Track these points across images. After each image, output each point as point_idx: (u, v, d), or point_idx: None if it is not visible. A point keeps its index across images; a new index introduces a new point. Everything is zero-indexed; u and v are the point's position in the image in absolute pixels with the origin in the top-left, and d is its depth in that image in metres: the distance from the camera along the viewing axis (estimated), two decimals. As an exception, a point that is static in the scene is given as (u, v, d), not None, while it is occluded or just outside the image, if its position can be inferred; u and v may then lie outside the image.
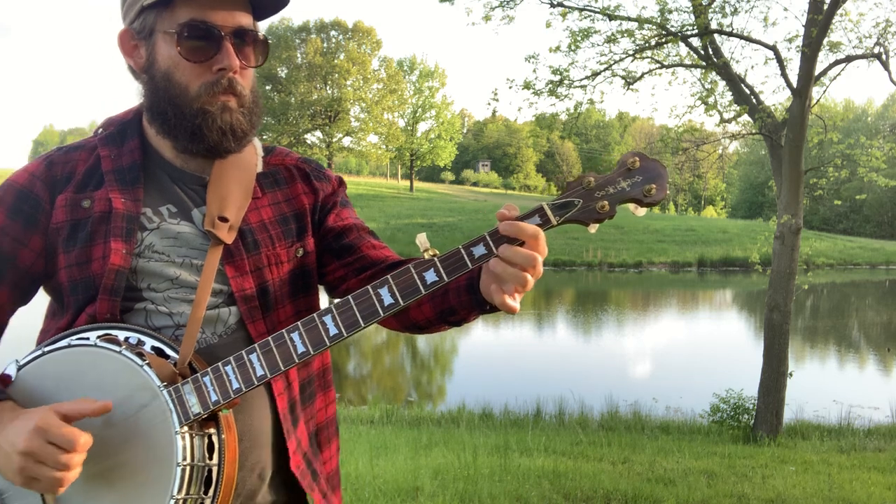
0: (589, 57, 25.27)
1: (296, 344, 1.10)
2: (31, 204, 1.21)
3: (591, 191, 1.08)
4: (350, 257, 1.32)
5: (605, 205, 1.07)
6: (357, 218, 1.39)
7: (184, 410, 1.10)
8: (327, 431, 1.38)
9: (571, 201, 1.08)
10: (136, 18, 1.20)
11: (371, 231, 1.38)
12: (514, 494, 4.63)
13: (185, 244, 1.22)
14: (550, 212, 1.07)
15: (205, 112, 1.18)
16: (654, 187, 1.07)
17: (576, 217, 1.08)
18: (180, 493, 1.07)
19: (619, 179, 1.08)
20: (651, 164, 1.08)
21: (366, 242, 1.33)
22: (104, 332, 1.15)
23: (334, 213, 1.36)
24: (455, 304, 1.18)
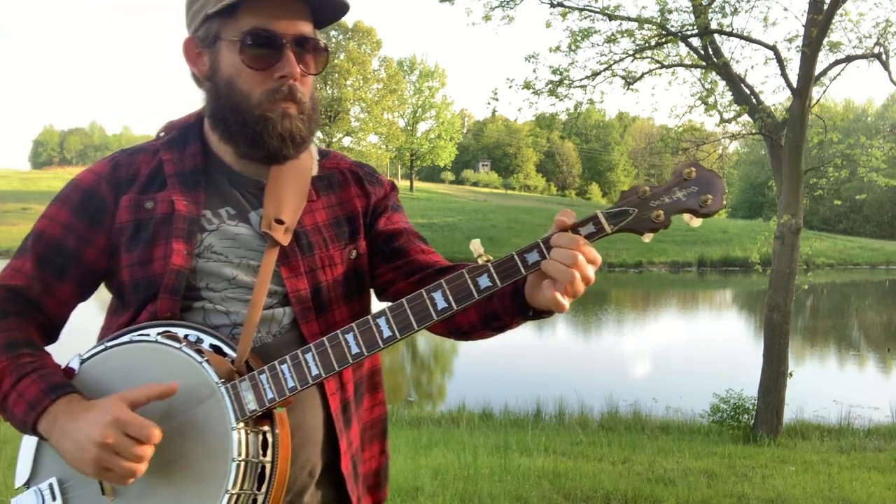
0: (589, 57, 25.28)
1: (350, 345, 1.13)
2: (97, 203, 1.25)
3: (647, 200, 1.09)
4: (399, 261, 1.34)
5: (660, 214, 1.09)
6: (407, 222, 1.42)
7: (240, 407, 1.12)
8: (370, 432, 1.41)
9: (626, 210, 1.09)
10: (200, 26, 1.24)
11: (420, 235, 1.40)
12: (514, 494, 4.63)
13: (243, 245, 1.25)
14: (605, 220, 1.09)
15: (265, 119, 1.22)
16: (711, 198, 1.08)
17: (630, 226, 1.09)
18: (234, 487, 1.09)
19: (674, 189, 1.10)
20: (707, 175, 1.10)
21: (415, 247, 1.36)
22: (164, 329, 1.19)
23: (385, 217, 1.39)
24: (499, 308, 1.20)
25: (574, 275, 1.06)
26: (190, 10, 1.26)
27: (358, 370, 1.36)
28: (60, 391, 1.14)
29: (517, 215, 43.88)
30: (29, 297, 1.24)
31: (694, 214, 1.10)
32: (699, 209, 1.08)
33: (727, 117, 8.95)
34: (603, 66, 8.98)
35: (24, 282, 1.24)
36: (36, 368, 1.17)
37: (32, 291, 1.24)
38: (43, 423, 1.13)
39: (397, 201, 1.44)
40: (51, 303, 1.26)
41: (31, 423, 1.14)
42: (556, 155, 78.34)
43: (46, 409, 1.13)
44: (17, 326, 1.22)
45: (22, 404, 1.14)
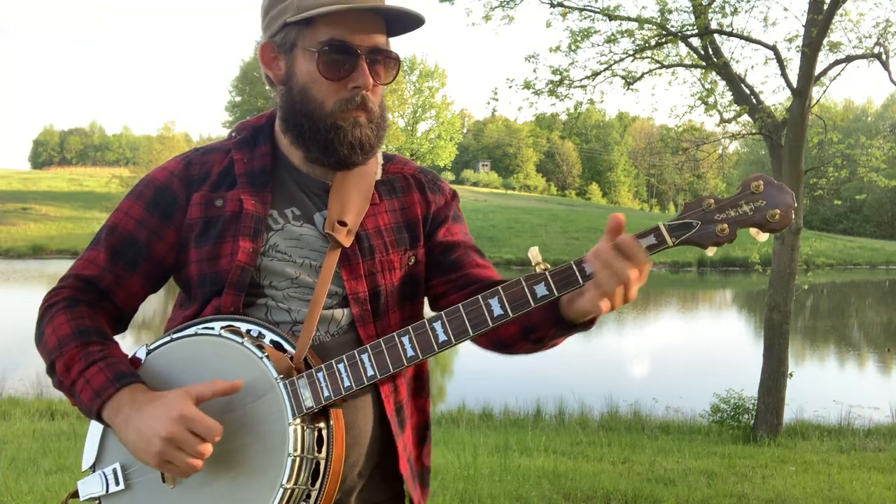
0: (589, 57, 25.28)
1: (405, 348, 1.15)
2: (169, 199, 1.30)
3: (711, 213, 1.07)
4: (454, 273, 1.36)
5: (724, 228, 1.07)
6: (466, 234, 1.44)
7: (297, 403, 1.15)
8: (419, 434, 1.43)
9: (689, 223, 1.08)
10: (277, 32, 1.27)
11: (478, 249, 1.42)
12: (514, 494, 4.63)
13: (307, 246, 1.29)
14: (666, 232, 1.08)
15: (337, 127, 1.25)
16: (779, 213, 1.05)
17: (693, 239, 1.08)
18: (289, 482, 1.11)
19: (741, 202, 1.07)
20: (776, 189, 1.07)
21: (471, 261, 1.37)
22: (227, 323, 1.22)
23: (445, 228, 1.41)
24: (536, 319, 1.20)
25: (619, 288, 1.06)
26: (267, 15, 1.29)
27: (409, 372, 1.38)
28: (126, 380, 1.18)
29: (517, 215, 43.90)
30: (100, 287, 1.29)
31: (760, 229, 1.07)
32: (766, 224, 1.06)
33: (727, 117, 8.94)
34: (603, 66, 8.97)
35: (97, 272, 1.29)
36: (104, 357, 1.21)
37: (104, 282, 1.29)
38: (107, 411, 1.17)
39: (458, 211, 1.46)
40: (121, 294, 1.31)
41: (96, 409, 1.18)
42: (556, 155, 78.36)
43: (111, 397, 1.16)
44: (88, 315, 1.26)
45: (88, 391, 1.18)
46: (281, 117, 1.33)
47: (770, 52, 8.25)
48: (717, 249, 1.09)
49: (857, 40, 8.23)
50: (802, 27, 7.80)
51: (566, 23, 8.75)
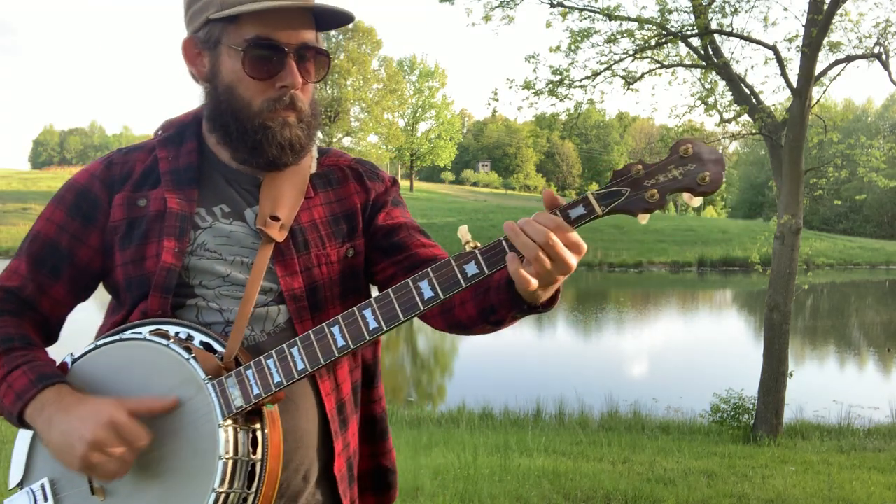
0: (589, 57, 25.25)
1: (336, 338, 1.10)
2: (90, 203, 1.25)
3: (640, 179, 1.04)
4: (399, 255, 1.31)
5: (654, 193, 1.03)
6: (408, 217, 1.39)
7: (227, 403, 1.11)
8: (368, 430, 1.39)
9: (618, 190, 1.04)
10: (200, 28, 1.22)
11: (421, 230, 1.37)
12: (514, 494, 4.63)
13: (237, 243, 1.24)
14: (595, 201, 1.04)
15: (266, 128, 1.21)
16: (709, 175, 1.03)
17: (623, 207, 1.04)
18: (222, 486, 1.08)
19: (670, 167, 1.04)
20: (705, 151, 1.04)
21: (415, 241, 1.33)
22: (155, 327, 1.18)
23: (385, 212, 1.36)
24: (495, 301, 1.16)
25: (537, 252, 1.00)
26: (190, 9, 1.24)
27: (355, 368, 1.34)
28: (49, 380, 1.15)
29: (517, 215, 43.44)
30: (23, 296, 1.25)
31: (692, 193, 1.04)
32: (697, 187, 1.03)
33: (727, 117, 8.94)
34: (603, 67, 8.98)
35: (19, 282, 1.24)
36: (27, 361, 1.17)
37: (26, 291, 1.25)
38: (29, 411, 1.13)
39: (398, 196, 1.41)
40: (45, 302, 1.26)
41: (18, 411, 1.14)
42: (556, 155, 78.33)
43: (34, 398, 1.13)
44: (12, 323, 1.22)
45: (11, 395, 1.15)
46: (206, 116, 1.28)
47: (770, 52, 8.26)
48: (648, 217, 1.05)
49: (857, 40, 8.23)
50: (802, 27, 7.80)
51: (566, 23, 8.76)
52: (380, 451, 1.40)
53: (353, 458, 1.33)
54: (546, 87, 9.08)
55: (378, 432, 1.40)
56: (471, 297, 1.17)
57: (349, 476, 1.31)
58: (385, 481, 1.40)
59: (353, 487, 1.33)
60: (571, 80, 9.05)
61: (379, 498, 1.40)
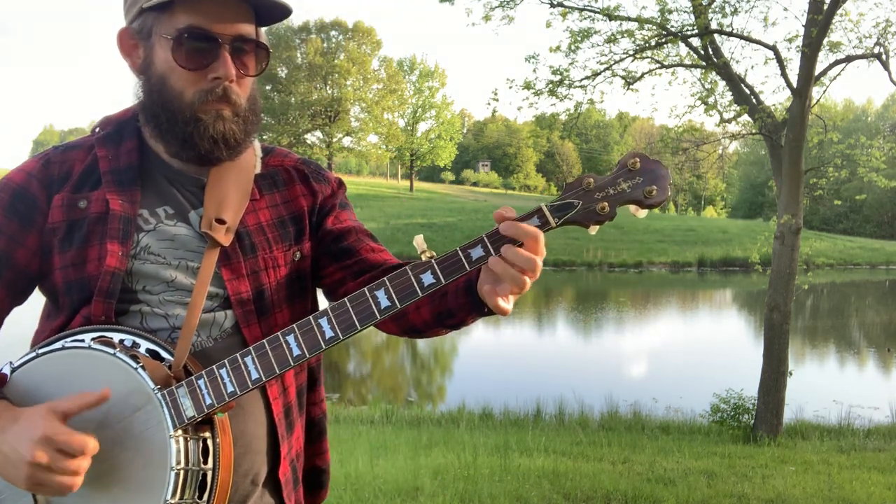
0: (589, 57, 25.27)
1: (291, 347, 1.09)
2: (28, 203, 1.20)
3: (591, 192, 1.07)
4: (348, 260, 1.30)
5: (605, 206, 1.06)
6: (356, 220, 1.37)
7: (178, 413, 1.08)
8: (310, 432, 1.38)
9: (570, 202, 1.06)
10: (135, 18, 1.19)
11: (370, 234, 1.36)
12: (514, 494, 4.63)
13: (182, 246, 1.20)
14: (549, 213, 1.06)
15: (197, 120, 1.17)
16: (655, 188, 1.06)
17: (575, 218, 1.06)
18: (174, 497, 1.06)
19: (619, 180, 1.07)
20: (652, 165, 1.07)
21: (364, 245, 1.31)
22: (99, 334, 1.14)
23: (333, 216, 1.34)
24: (453, 306, 1.16)
25: (526, 281, 1.03)
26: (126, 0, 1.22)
27: (300, 371, 1.33)
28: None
29: (517, 215, 43.84)
30: None
31: (639, 206, 1.07)
32: (644, 200, 1.06)
33: (727, 117, 8.94)
34: (603, 67, 8.97)
35: None
36: None
37: None
38: None
39: (345, 199, 1.39)
40: None
41: None
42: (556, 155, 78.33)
43: None
44: None
45: None
46: (140, 108, 1.23)
47: (770, 52, 8.26)
48: (598, 228, 1.09)
49: (857, 40, 8.23)
50: (802, 27, 7.80)
51: (566, 23, 8.75)
52: (316, 452, 1.39)
53: (296, 461, 1.32)
54: (546, 87, 9.08)
55: (316, 434, 1.39)
56: (426, 302, 1.16)
57: (294, 479, 1.30)
58: (318, 480, 1.40)
59: (299, 489, 1.33)
60: (571, 80, 9.05)
61: (311, 498, 1.39)
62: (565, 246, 34.81)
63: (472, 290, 1.13)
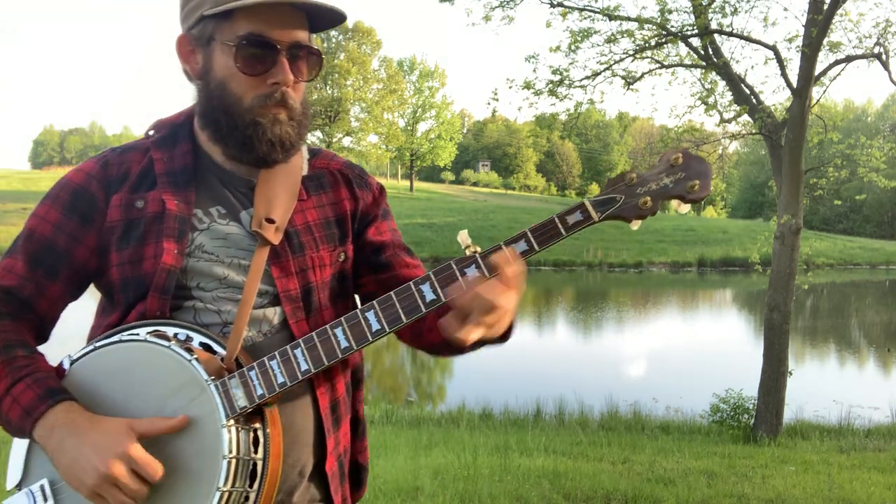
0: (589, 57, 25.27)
1: (339, 339, 1.13)
2: (87, 202, 1.25)
3: (634, 187, 1.09)
4: (384, 274, 1.35)
5: (647, 201, 1.08)
6: (395, 230, 1.42)
7: (230, 404, 1.12)
8: (356, 429, 1.41)
9: (613, 198, 1.09)
10: (194, 25, 1.23)
11: (406, 248, 1.40)
12: (514, 494, 4.63)
13: (234, 245, 1.25)
14: (592, 208, 1.09)
15: (256, 124, 1.22)
16: (698, 184, 1.08)
17: (618, 213, 1.09)
18: (226, 485, 1.09)
19: (661, 175, 1.09)
20: (694, 161, 1.09)
21: (400, 260, 1.36)
22: (154, 328, 1.18)
23: (374, 227, 1.38)
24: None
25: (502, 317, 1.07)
26: (185, 7, 1.25)
27: (345, 368, 1.36)
28: (57, 397, 1.14)
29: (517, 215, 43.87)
30: (21, 297, 1.24)
31: (681, 200, 1.10)
32: (686, 195, 1.08)
33: (727, 117, 8.94)
34: (603, 67, 8.98)
35: (17, 282, 1.24)
36: (31, 372, 1.17)
37: (25, 291, 1.24)
38: (39, 430, 1.13)
39: (386, 205, 1.44)
40: (43, 303, 1.26)
41: (28, 429, 1.14)
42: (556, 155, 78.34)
43: (43, 415, 1.13)
44: (12, 328, 1.22)
45: (17, 409, 1.14)
46: (199, 112, 1.29)
47: (770, 52, 8.26)
48: (640, 223, 1.11)
49: (857, 40, 8.23)
50: (802, 27, 7.80)
51: (566, 23, 8.76)
52: (359, 449, 1.43)
53: (343, 456, 1.35)
54: (546, 87, 9.09)
55: (360, 431, 1.43)
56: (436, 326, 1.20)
57: (340, 474, 1.33)
58: (359, 477, 1.43)
59: (345, 485, 1.36)
60: (571, 80, 9.05)
61: (356, 496, 1.43)
62: (565, 246, 34.80)
63: None
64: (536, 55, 9.26)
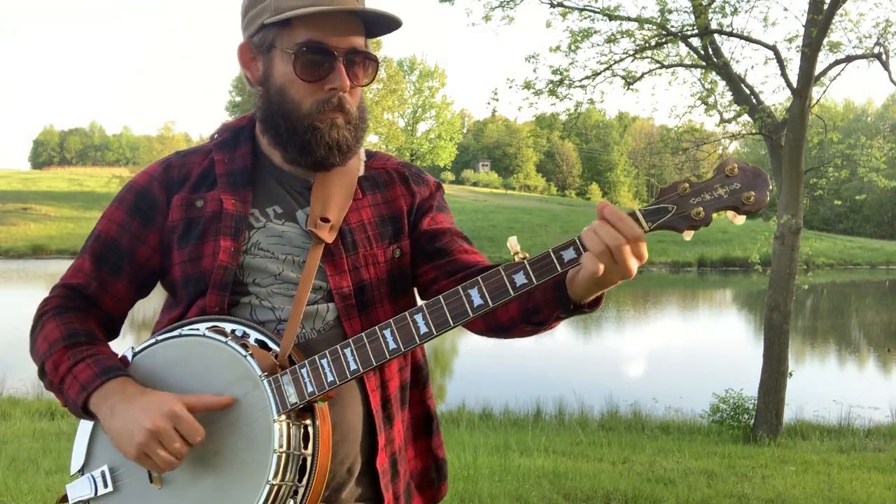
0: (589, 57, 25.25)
1: (387, 340, 1.15)
2: (149, 203, 1.32)
3: (686, 197, 1.07)
4: (441, 260, 1.36)
5: (700, 211, 1.07)
6: (452, 223, 1.44)
7: (282, 400, 1.16)
8: (415, 429, 1.43)
9: (665, 207, 1.08)
10: (255, 33, 1.28)
11: (464, 236, 1.42)
12: (514, 494, 4.63)
13: (289, 243, 1.29)
14: (642, 217, 1.08)
15: (315, 128, 1.26)
16: (754, 195, 1.05)
17: (669, 223, 1.08)
18: (276, 478, 1.12)
19: (716, 186, 1.08)
20: (751, 171, 1.07)
21: (458, 246, 1.37)
22: (213, 323, 1.23)
23: (429, 217, 1.40)
24: (540, 302, 1.19)
25: (605, 246, 1.05)
26: (246, 15, 1.30)
27: (405, 366, 1.38)
28: (113, 373, 1.21)
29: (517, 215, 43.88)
30: (87, 293, 1.32)
31: (737, 212, 1.07)
32: (741, 206, 1.06)
33: (727, 117, 8.94)
34: (603, 66, 8.97)
35: (83, 280, 1.32)
36: (92, 354, 1.24)
37: (90, 288, 1.32)
38: (93, 400, 1.19)
39: (442, 201, 1.46)
40: (107, 299, 1.33)
41: (82, 402, 1.20)
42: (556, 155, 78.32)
43: (98, 388, 1.19)
44: (77, 319, 1.29)
45: (76, 386, 1.21)
46: (259, 118, 1.33)
47: (770, 52, 8.26)
48: (693, 234, 1.09)
49: (857, 40, 8.22)
50: (802, 27, 7.80)
51: (566, 23, 8.75)
52: (427, 450, 1.46)
53: (398, 453, 1.36)
54: (546, 87, 9.08)
55: (428, 432, 1.45)
56: (514, 298, 1.19)
57: (392, 471, 1.35)
58: (430, 479, 1.46)
59: (398, 483, 1.37)
60: (571, 80, 9.05)
61: (427, 495, 1.46)
62: (565, 246, 34.72)
63: (560, 286, 1.15)
64: (536, 55, 9.26)
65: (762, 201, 1.05)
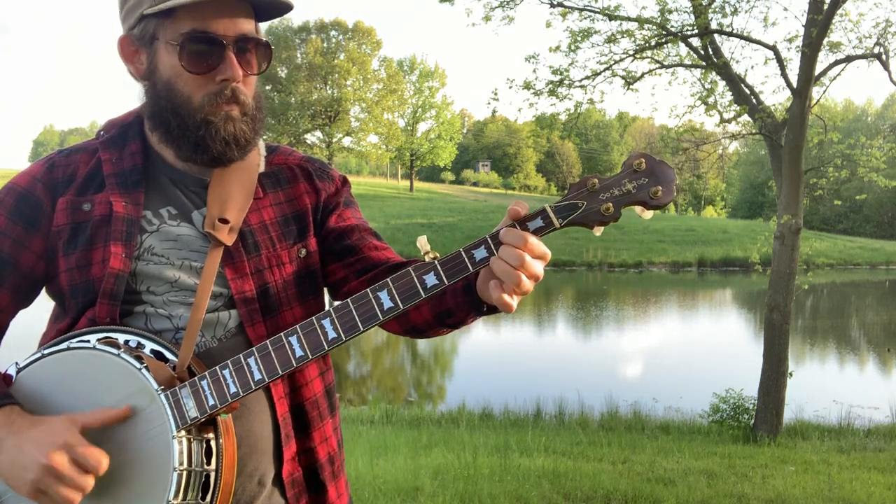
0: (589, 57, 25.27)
1: (294, 347, 1.09)
2: (32, 206, 1.20)
3: (596, 193, 1.06)
4: (351, 258, 1.30)
5: (609, 207, 1.05)
6: (360, 218, 1.38)
7: (181, 414, 1.08)
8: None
9: (575, 203, 1.06)
10: (136, 24, 1.18)
11: (374, 232, 1.36)
12: (514, 494, 4.63)
13: (185, 246, 1.20)
14: (553, 214, 1.05)
15: (208, 123, 1.18)
16: (661, 189, 1.05)
17: (579, 219, 1.06)
18: (176, 498, 1.05)
19: (624, 181, 1.06)
20: (658, 166, 1.06)
21: (367, 244, 1.31)
22: (104, 335, 1.14)
23: (336, 214, 1.34)
24: (452, 305, 1.16)
25: (520, 277, 1.02)
26: (124, 6, 1.21)
27: (327, 370, 1.33)
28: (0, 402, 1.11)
29: (517, 215, 43.83)
30: None
31: (644, 206, 1.06)
32: (649, 201, 1.05)
33: (727, 117, 8.94)
34: (603, 67, 8.98)
35: None
36: None
37: None
38: None
39: (350, 196, 1.39)
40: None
41: None
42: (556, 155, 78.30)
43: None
44: None
45: None
46: (147, 114, 1.23)
47: (770, 52, 8.26)
48: (603, 229, 1.08)
49: (857, 40, 8.24)
50: (802, 27, 7.80)
51: (566, 23, 8.76)
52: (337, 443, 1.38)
53: (333, 455, 1.31)
54: (546, 87, 9.09)
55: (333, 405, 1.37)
56: (426, 301, 1.15)
57: (331, 473, 1.29)
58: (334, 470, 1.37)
59: (340, 482, 1.32)
60: (571, 80, 9.06)
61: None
62: (565, 246, 34.81)
63: (470, 290, 1.13)
64: (536, 55, 9.27)
65: (669, 196, 1.05)
